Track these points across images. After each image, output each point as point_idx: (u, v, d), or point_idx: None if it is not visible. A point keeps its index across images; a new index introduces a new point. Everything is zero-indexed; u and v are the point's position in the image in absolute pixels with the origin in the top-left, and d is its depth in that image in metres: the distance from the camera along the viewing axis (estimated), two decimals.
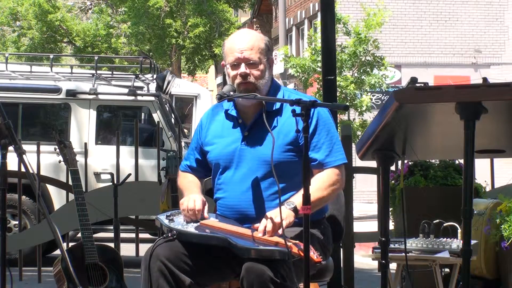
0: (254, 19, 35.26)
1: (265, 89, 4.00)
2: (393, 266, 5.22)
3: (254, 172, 3.92)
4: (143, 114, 10.73)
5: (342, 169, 3.98)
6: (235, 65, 3.96)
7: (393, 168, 7.16)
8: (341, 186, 3.99)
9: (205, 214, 3.92)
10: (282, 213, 3.71)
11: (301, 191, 3.60)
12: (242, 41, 3.97)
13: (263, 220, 3.76)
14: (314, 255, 3.61)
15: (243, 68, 3.94)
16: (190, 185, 4.11)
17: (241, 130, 4.01)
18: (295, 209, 3.76)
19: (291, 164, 3.91)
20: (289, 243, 3.62)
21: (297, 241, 3.67)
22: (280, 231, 3.69)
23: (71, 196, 7.24)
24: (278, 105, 4.00)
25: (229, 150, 3.99)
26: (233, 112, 4.06)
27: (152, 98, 10.13)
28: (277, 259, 3.62)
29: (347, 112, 20.11)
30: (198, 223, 3.88)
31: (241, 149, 3.97)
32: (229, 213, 3.98)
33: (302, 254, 3.56)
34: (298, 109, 3.61)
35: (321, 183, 3.87)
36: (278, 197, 3.74)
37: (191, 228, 3.86)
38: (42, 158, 7.76)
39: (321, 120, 3.97)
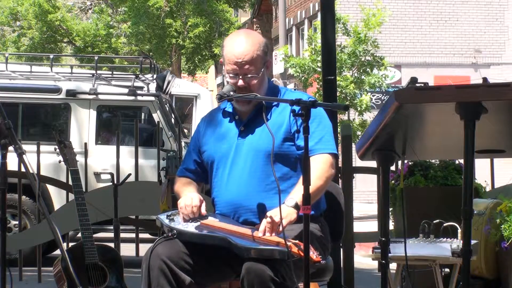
0: (254, 19, 35.24)
1: (264, 90, 4.02)
2: (393, 266, 5.22)
3: (251, 165, 3.93)
4: (143, 114, 10.73)
5: (332, 158, 3.98)
6: (234, 75, 3.96)
7: (393, 168, 7.16)
8: (333, 173, 4.00)
9: (203, 211, 3.92)
10: (284, 211, 3.71)
11: (299, 185, 3.62)
12: (241, 52, 3.94)
13: (264, 220, 3.76)
14: (313, 254, 3.61)
15: (241, 82, 3.95)
16: (187, 186, 4.11)
17: (237, 126, 4.04)
18: (296, 206, 3.75)
19: (287, 154, 3.94)
20: (289, 243, 3.62)
21: (297, 241, 3.68)
22: (280, 229, 3.69)
23: (71, 196, 7.24)
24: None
25: (225, 146, 4.01)
26: (229, 109, 4.09)
27: (152, 98, 10.13)
28: (277, 258, 3.62)
29: (347, 112, 20.10)
30: (199, 223, 3.88)
31: (237, 144, 3.99)
32: (228, 208, 3.97)
33: (301, 254, 3.56)
34: (298, 109, 3.62)
35: (315, 172, 3.82)
36: (278, 197, 3.73)
37: (191, 228, 3.86)
38: (42, 158, 7.76)
39: (313, 112, 3.97)
